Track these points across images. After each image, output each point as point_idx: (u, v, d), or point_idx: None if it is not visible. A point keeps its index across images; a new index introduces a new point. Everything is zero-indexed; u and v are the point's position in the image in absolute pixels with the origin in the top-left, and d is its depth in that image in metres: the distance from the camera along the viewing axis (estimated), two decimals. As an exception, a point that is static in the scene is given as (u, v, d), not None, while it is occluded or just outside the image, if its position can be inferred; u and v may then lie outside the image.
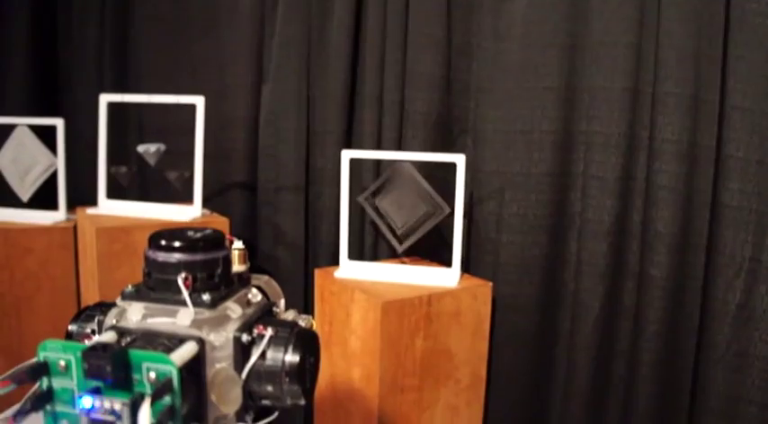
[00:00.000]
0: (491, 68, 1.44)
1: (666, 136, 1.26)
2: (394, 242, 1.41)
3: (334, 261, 1.49)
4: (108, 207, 1.56)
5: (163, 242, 0.57)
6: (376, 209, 1.42)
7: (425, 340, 1.27)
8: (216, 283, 0.58)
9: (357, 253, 1.57)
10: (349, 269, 1.39)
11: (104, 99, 1.55)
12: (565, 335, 1.43)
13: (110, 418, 0.48)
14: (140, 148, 1.57)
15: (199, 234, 0.58)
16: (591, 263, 1.36)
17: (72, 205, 1.60)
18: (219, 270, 0.58)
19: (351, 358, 1.30)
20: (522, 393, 1.46)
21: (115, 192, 1.59)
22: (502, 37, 1.42)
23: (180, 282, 0.55)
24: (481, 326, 1.36)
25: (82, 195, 1.66)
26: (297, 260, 1.65)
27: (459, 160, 1.33)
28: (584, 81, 1.36)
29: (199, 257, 0.57)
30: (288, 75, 1.63)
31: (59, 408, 0.52)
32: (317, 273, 1.41)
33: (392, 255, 1.51)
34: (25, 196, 1.62)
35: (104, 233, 1.41)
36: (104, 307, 0.60)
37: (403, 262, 1.46)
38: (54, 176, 1.58)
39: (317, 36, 1.60)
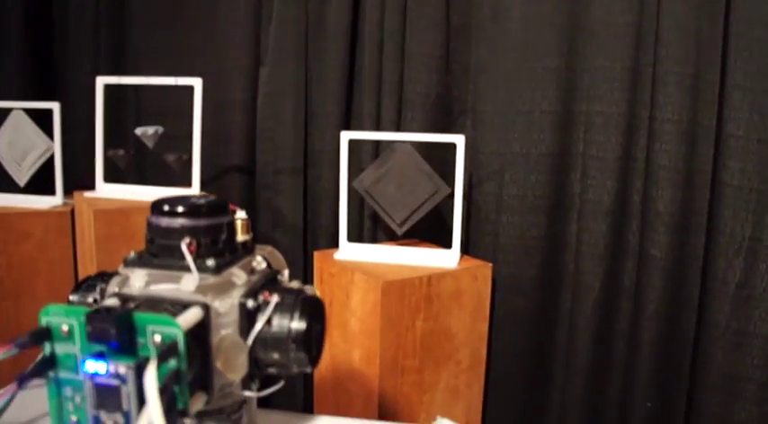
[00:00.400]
0: (490, 49, 1.43)
1: (667, 116, 1.26)
2: (393, 225, 1.40)
3: (334, 244, 1.49)
4: (106, 191, 1.55)
5: (166, 208, 0.55)
6: (373, 191, 1.41)
7: (426, 321, 1.27)
8: (220, 249, 0.57)
9: (356, 236, 1.56)
10: (348, 251, 1.38)
11: (101, 81, 1.53)
12: (565, 315, 1.43)
13: (114, 382, 0.47)
14: (138, 131, 1.56)
15: (203, 200, 0.57)
16: (591, 244, 1.36)
17: (69, 189, 1.59)
18: (224, 236, 0.57)
19: (351, 340, 1.29)
20: (522, 374, 1.46)
21: (113, 176, 1.58)
22: (501, 17, 1.41)
23: (184, 247, 0.54)
24: (481, 307, 1.35)
25: (79, 179, 1.64)
26: (296, 242, 1.64)
27: (458, 140, 1.32)
28: (584, 61, 1.35)
29: (203, 222, 0.56)
30: (286, 57, 1.61)
31: (63, 374, 0.50)
32: (317, 255, 1.40)
33: (391, 238, 1.50)
34: (22, 180, 1.60)
35: (102, 215, 1.39)
36: (106, 276, 0.59)
37: (402, 244, 1.45)
38: (51, 160, 1.57)
39: (315, 18, 1.58)
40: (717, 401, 1.28)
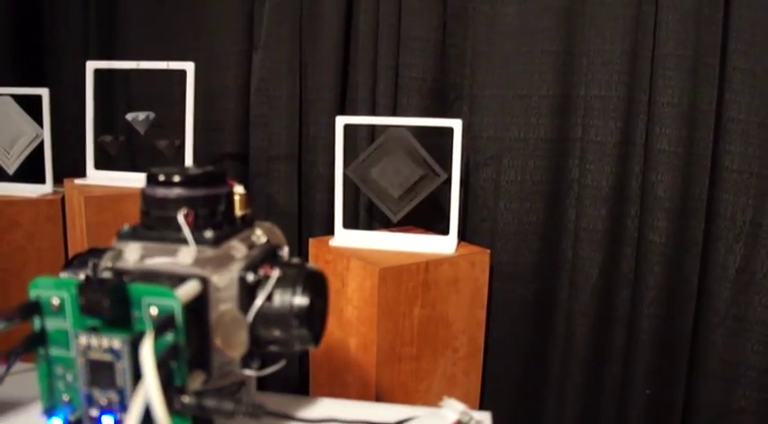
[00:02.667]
0: (488, 32, 1.41)
1: (666, 100, 1.24)
2: (388, 211, 1.38)
3: (329, 231, 1.46)
4: (97, 178, 1.51)
5: (162, 177, 0.53)
6: (368, 177, 1.39)
7: (423, 308, 1.25)
8: (218, 221, 0.54)
9: (352, 223, 1.54)
10: (344, 238, 1.36)
11: (91, 66, 1.50)
12: (563, 302, 1.41)
13: (108, 357, 0.44)
14: (129, 116, 1.53)
15: (200, 170, 0.54)
16: (589, 229, 1.34)
17: (59, 177, 1.55)
18: (222, 208, 0.54)
19: (347, 328, 1.27)
20: (520, 362, 1.45)
21: (104, 163, 1.54)
22: (499, 0, 1.39)
23: (180, 219, 0.51)
24: (479, 294, 1.33)
25: (69, 167, 1.61)
26: (290, 229, 1.62)
27: (455, 125, 1.30)
28: (583, 44, 1.33)
29: (200, 192, 0.53)
30: (279, 42, 1.58)
31: (53, 351, 0.48)
32: (312, 242, 1.37)
33: (387, 224, 1.48)
34: (11, 168, 1.57)
35: (93, 201, 1.36)
36: (98, 252, 0.56)
37: (399, 231, 1.43)
38: (40, 148, 1.53)
39: (309, 1, 1.56)
40: (716, 388, 1.27)
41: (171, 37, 1.78)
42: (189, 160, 1.45)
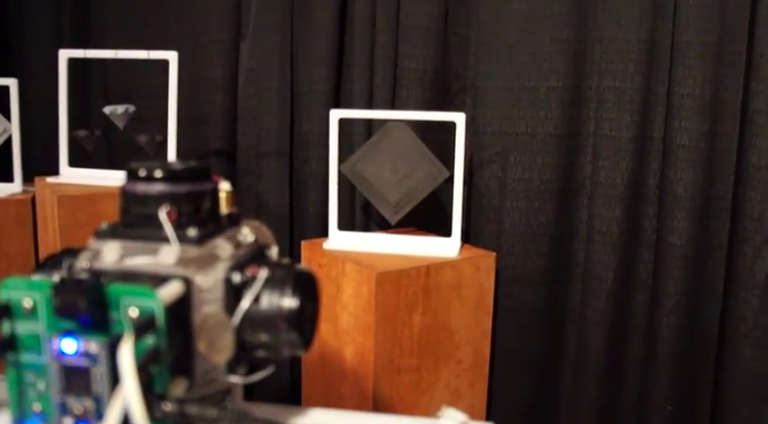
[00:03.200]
0: (492, 20, 1.42)
1: (687, 91, 1.25)
2: (386, 212, 1.39)
3: (323, 233, 1.47)
4: (71, 176, 1.52)
5: (142, 172, 0.54)
6: (364, 175, 1.39)
7: (424, 316, 1.25)
8: (203, 219, 0.55)
9: (347, 224, 1.55)
10: (339, 240, 1.36)
11: (64, 55, 1.50)
12: (575, 310, 1.42)
13: (84, 362, 0.45)
14: (107, 109, 1.53)
15: (183, 165, 0.55)
16: (603, 231, 1.35)
17: (29, 175, 1.56)
18: (207, 205, 0.55)
19: (342, 336, 1.27)
20: (528, 374, 1.45)
21: (79, 160, 1.55)
22: (504, -16, 1.40)
23: (162, 216, 0.52)
24: (484, 300, 1.34)
25: (40, 165, 1.61)
26: (281, 231, 1.62)
27: (458, 119, 1.30)
28: (596, 31, 1.34)
29: (183, 188, 0.54)
30: (269, 30, 1.59)
31: (24, 357, 0.48)
32: (304, 245, 1.38)
33: (385, 226, 1.48)
34: (-23, 166, 1.57)
35: (67, 201, 1.37)
36: (73, 252, 0.57)
37: (397, 233, 1.43)
38: (8, 143, 1.54)
39: (301, -14, 1.57)
40: (745, 405, 1.27)
41: (152, 24, 1.78)
42: (172, 157, 1.46)
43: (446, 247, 1.32)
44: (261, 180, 1.65)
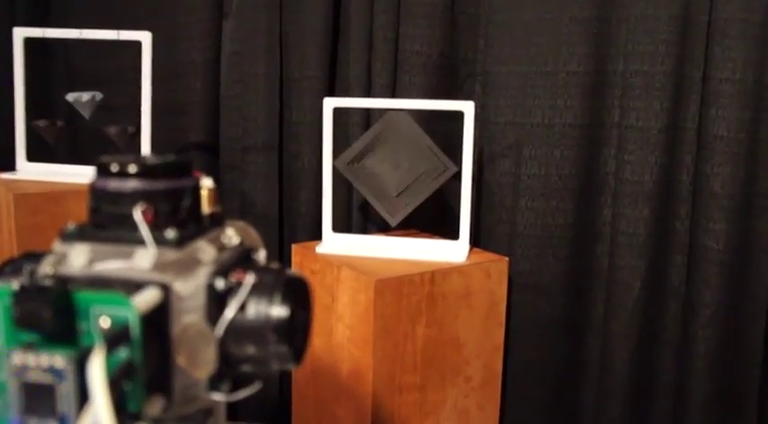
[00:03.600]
0: (505, -4, 1.42)
1: (725, 75, 1.25)
2: (385, 212, 1.39)
3: (316, 236, 1.47)
4: (29, 171, 1.51)
5: (115, 167, 0.54)
6: (362, 171, 1.39)
7: (428, 328, 1.26)
8: (183, 219, 0.55)
9: (343, 225, 1.55)
10: (334, 244, 1.37)
11: (20, 33, 1.49)
12: (598, 321, 1.42)
13: (48, 379, 0.45)
14: (70, 97, 1.53)
15: (161, 159, 0.55)
16: (629, 233, 1.35)
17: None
18: (187, 203, 0.55)
19: (337, 351, 1.28)
20: (545, 393, 1.46)
21: (38, 153, 1.54)
22: (518, -43, 1.40)
23: (137, 215, 0.52)
24: (496, 310, 1.34)
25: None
26: (270, 234, 1.63)
27: (467, 108, 1.30)
28: (622, 9, 1.34)
29: (161, 185, 0.54)
30: (255, 8, 1.59)
31: (-19, 374, 0.48)
32: (295, 249, 1.38)
33: (385, 228, 1.48)
34: None
35: (25, 200, 1.36)
36: (35, 256, 0.57)
37: (399, 235, 1.44)
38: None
39: (290, -41, 1.57)
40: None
41: (123, 3, 1.78)
42: (145, 151, 1.46)
43: (453, 251, 1.33)
44: (246, 176, 1.65)
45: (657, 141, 1.32)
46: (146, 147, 1.46)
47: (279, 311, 0.53)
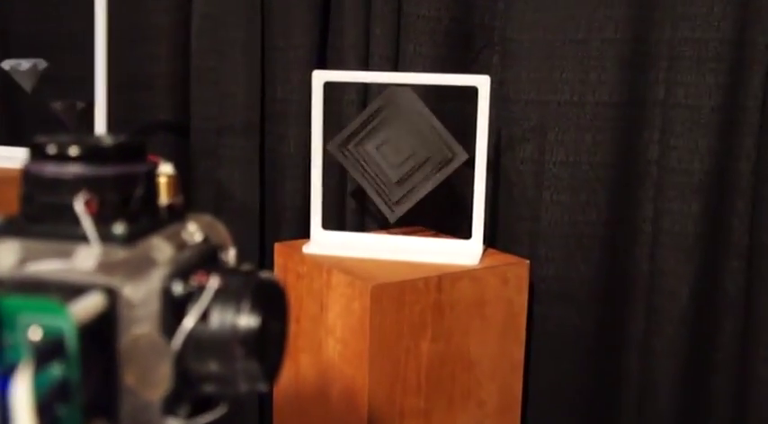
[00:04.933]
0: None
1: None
2: (385, 206, 1.39)
3: (303, 233, 1.48)
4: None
5: (52, 149, 0.53)
6: (357, 157, 1.39)
7: (434, 342, 1.26)
8: (134, 211, 0.55)
9: (335, 221, 1.56)
10: (324, 243, 1.37)
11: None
12: (637, 338, 1.42)
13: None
14: (7, 64, 1.53)
15: (108, 140, 0.55)
16: (675, 232, 1.35)
17: None
18: (139, 192, 0.55)
19: (327, 370, 1.28)
20: (574, 421, 1.45)
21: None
22: None
23: (79, 206, 0.52)
24: (514, 323, 1.34)
25: None
26: (249, 231, 1.64)
27: (481, 83, 1.30)
28: (668, -36, 1.34)
29: (108, 170, 0.53)
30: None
31: None
32: (278, 249, 1.39)
33: (384, 225, 1.48)
34: None
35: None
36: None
37: (401, 233, 1.44)
38: None
39: None
40: None
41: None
42: (100, 130, 1.46)
43: (464, 252, 1.33)
44: (222, 163, 1.65)
45: (710, 123, 1.31)
46: (100, 127, 1.46)
47: (247, 320, 0.53)
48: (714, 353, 1.37)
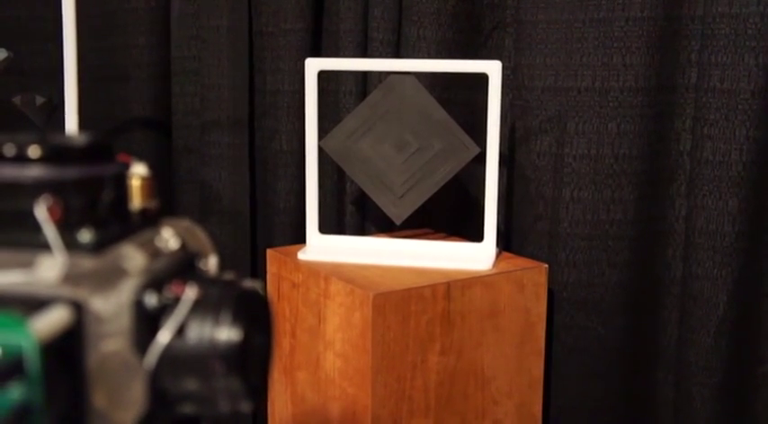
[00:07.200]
0: None
1: None
2: (388, 207, 1.39)
3: (298, 238, 1.48)
4: None
5: (11, 150, 0.54)
6: (356, 155, 1.40)
7: (444, 357, 1.26)
8: (102, 217, 0.55)
9: (333, 225, 1.56)
10: (321, 248, 1.38)
11: None
12: (670, 349, 1.42)
13: None
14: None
15: (73, 139, 0.56)
16: (711, 232, 1.35)
17: None
18: (109, 196, 0.56)
19: (326, 387, 1.28)
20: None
21: None
22: None
23: (42, 213, 0.53)
24: (532, 334, 1.35)
25: None
26: (239, 236, 1.64)
27: (493, 69, 1.31)
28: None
29: (72, 173, 0.54)
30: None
31: None
32: (271, 255, 1.40)
33: (387, 227, 1.49)
34: None
35: None
36: None
37: (405, 237, 1.44)
38: None
39: None
40: None
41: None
42: (70, 127, 1.46)
43: (475, 256, 1.33)
44: (208, 162, 1.66)
45: (750, 109, 1.31)
46: (71, 124, 1.46)
47: (228, 334, 0.53)
48: (756, 366, 1.37)
